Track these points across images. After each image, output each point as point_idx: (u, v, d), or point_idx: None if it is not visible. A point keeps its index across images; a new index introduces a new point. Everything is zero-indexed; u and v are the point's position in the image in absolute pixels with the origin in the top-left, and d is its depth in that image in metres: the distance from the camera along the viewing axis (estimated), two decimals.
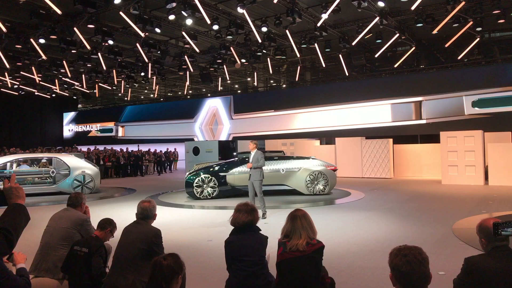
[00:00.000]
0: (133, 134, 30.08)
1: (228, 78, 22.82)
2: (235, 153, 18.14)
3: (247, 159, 10.40)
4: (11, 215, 2.09)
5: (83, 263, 3.61)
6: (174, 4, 11.75)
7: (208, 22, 13.13)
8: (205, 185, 11.52)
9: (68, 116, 34.42)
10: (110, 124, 31.34)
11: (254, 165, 8.36)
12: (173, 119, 27.42)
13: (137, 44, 16.42)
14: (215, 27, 13.70)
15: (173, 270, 2.22)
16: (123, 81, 24.12)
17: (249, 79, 25.97)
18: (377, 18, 13.69)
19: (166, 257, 2.30)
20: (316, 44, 16.30)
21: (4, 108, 29.84)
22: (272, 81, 26.69)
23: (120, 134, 30.69)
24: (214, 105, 25.60)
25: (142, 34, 14.70)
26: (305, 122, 21.90)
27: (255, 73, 22.74)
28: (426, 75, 19.45)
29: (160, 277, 2.20)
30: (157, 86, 26.46)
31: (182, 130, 26.76)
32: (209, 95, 27.87)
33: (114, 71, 21.58)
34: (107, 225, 4.00)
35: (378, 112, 19.53)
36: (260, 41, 15.76)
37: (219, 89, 25.67)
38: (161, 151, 24.23)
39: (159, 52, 17.19)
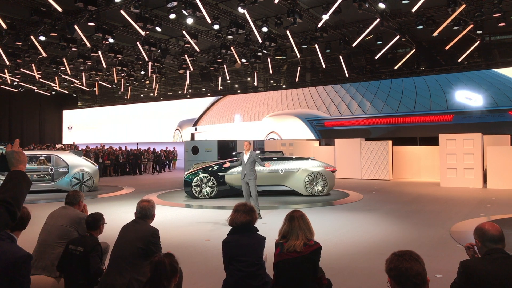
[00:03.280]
0: None
1: (228, 78, 22.81)
2: (234, 153, 18.13)
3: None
4: (11, 184, 2.01)
5: (79, 262, 3.59)
6: (175, 3, 11.75)
7: (209, 21, 13.12)
8: (203, 185, 11.51)
9: None
10: None
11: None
12: None
13: (138, 43, 16.42)
14: (216, 26, 13.70)
15: (174, 269, 2.25)
16: (123, 80, 24.13)
17: (249, 79, 25.97)
18: (378, 20, 13.70)
19: (165, 256, 2.32)
20: (316, 45, 16.29)
21: (3, 105, 29.84)
22: (272, 82, 26.68)
23: None
24: None
25: (143, 33, 14.68)
26: None
27: (255, 73, 22.73)
28: None
29: (163, 276, 2.22)
30: (157, 85, 26.42)
31: None
32: (209, 94, 27.85)
33: (114, 69, 21.57)
34: (100, 220, 3.91)
35: None
36: (260, 41, 15.76)
37: (219, 88, 25.65)
38: (161, 150, 24.23)
39: (159, 51, 17.19)
